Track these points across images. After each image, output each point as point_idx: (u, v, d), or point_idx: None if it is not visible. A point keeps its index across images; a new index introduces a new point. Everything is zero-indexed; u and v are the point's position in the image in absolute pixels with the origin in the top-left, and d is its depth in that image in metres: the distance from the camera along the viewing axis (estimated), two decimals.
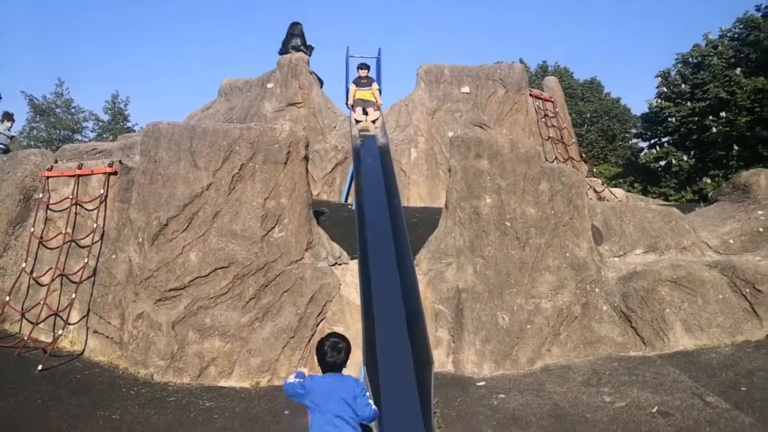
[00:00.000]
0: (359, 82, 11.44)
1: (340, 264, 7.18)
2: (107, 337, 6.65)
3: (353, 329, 6.54)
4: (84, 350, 6.66)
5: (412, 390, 5.32)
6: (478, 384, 5.99)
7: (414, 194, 10.54)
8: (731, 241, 7.90)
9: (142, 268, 6.45)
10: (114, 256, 6.86)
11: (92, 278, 6.84)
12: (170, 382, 6.12)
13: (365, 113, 11.19)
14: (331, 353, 3.90)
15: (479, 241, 6.78)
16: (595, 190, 11.61)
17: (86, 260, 6.83)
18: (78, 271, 6.85)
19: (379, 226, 7.54)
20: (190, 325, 6.30)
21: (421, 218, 8.66)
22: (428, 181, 10.75)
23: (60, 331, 6.67)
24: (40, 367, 6.14)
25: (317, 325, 6.55)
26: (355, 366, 6.35)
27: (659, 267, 6.82)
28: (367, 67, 11.60)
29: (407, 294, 6.47)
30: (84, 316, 6.79)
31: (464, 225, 6.89)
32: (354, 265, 7.08)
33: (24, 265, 7.02)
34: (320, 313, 6.58)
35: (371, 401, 3.84)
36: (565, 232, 6.99)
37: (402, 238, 7.12)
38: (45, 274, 7.01)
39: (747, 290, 6.64)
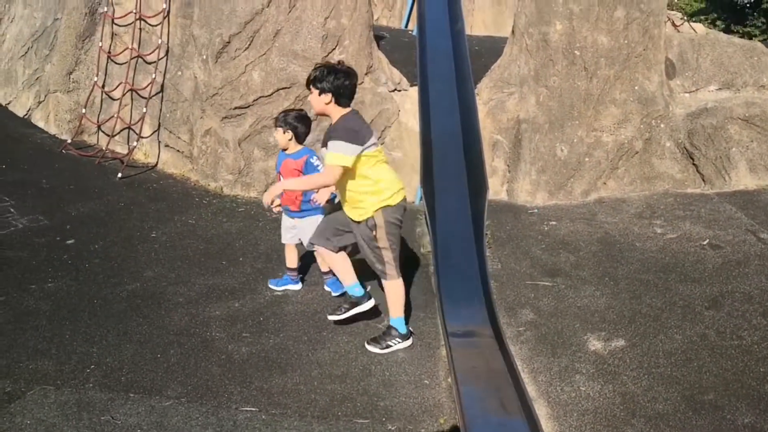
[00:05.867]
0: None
1: (400, 90, 7.13)
2: (178, 150, 7.01)
3: (411, 156, 6.68)
4: (157, 162, 7.08)
5: (466, 213, 5.53)
6: (530, 211, 6.17)
7: (478, 21, 10.08)
8: None
9: (207, 85, 6.59)
10: (179, 73, 6.99)
11: (160, 94, 7.05)
12: (238, 195, 6.52)
13: None
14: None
15: (545, 71, 6.57)
16: (673, 24, 10.77)
17: (153, 76, 7.00)
18: (146, 86, 7.05)
19: (440, 52, 7.31)
20: (255, 143, 6.56)
21: (485, 46, 8.35)
22: (494, 7, 10.20)
23: (134, 143, 7.06)
24: (119, 175, 6.61)
25: None
26: (411, 190, 6.60)
27: (732, 104, 6.53)
28: None
29: (466, 122, 6.46)
30: (155, 131, 7.12)
31: (530, 53, 6.64)
32: (413, 92, 7.02)
33: (95, 79, 7.26)
34: (378, 138, 6.69)
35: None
36: (636, 64, 6.66)
37: (463, 64, 6.91)
38: (116, 88, 7.25)
39: None
